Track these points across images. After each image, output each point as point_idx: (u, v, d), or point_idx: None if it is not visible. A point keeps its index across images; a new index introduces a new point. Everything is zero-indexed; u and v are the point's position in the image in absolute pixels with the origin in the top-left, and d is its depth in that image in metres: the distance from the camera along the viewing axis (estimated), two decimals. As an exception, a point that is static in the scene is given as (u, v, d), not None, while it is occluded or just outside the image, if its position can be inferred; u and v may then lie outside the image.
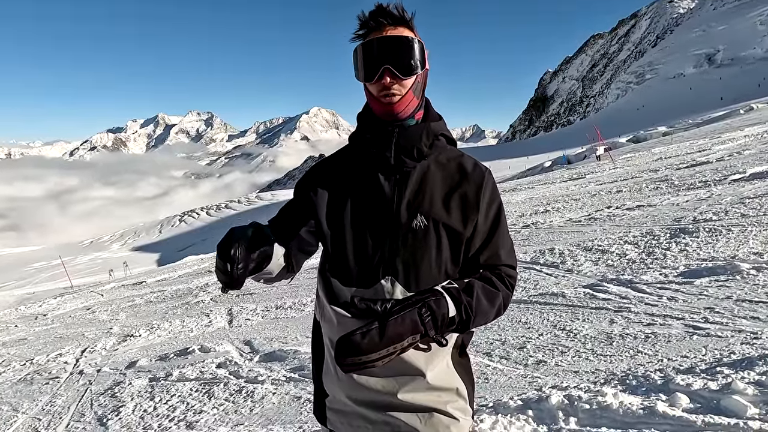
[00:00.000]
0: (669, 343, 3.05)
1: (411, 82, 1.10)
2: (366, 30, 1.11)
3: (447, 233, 1.11)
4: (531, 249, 6.37)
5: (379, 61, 1.07)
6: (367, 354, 0.90)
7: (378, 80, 1.08)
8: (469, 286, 1.06)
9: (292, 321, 5.63)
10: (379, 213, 1.11)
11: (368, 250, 1.11)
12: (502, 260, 1.17)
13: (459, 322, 1.01)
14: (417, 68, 1.09)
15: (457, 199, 1.13)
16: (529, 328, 3.83)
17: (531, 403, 2.58)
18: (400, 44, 1.07)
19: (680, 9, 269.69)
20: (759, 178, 7.82)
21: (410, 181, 1.13)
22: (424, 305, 0.96)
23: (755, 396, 2.21)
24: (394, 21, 1.10)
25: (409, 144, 1.12)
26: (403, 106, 1.10)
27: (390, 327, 0.92)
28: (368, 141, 1.15)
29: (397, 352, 0.94)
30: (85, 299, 12.64)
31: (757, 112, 31.34)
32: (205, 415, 3.38)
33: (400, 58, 1.07)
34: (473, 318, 1.03)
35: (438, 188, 1.13)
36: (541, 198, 12.48)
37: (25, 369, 5.62)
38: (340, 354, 0.92)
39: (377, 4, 1.11)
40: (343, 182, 1.17)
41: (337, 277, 1.15)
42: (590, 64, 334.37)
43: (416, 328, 0.94)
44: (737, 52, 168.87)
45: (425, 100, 1.19)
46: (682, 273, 4.29)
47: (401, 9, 1.10)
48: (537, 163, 46.67)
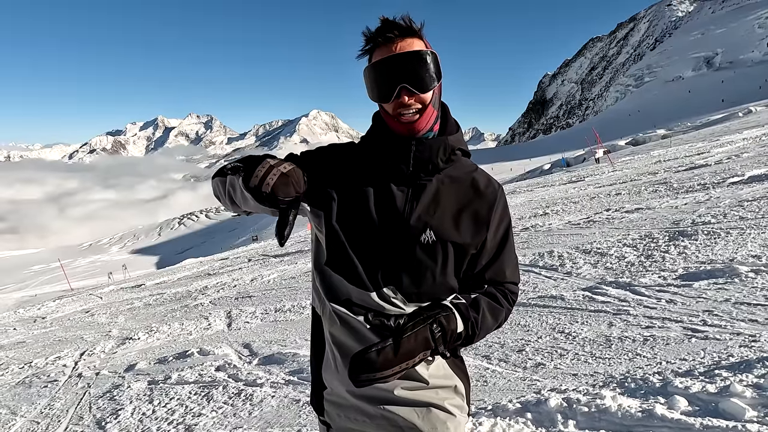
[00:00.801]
0: (667, 346, 3.05)
1: (430, 96, 1.07)
2: (373, 45, 1.08)
3: (454, 249, 1.12)
4: (530, 251, 6.38)
5: (394, 80, 1.03)
6: (381, 371, 0.94)
7: (395, 99, 1.05)
8: (476, 302, 1.09)
9: (291, 324, 5.63)
10: (389, 223, 1.10)
11: (374, 256, 1.10)
12: (507, 278, 1.19)
13: (465, 337, 1.05)
14: (434, 81, 1.06)
15: (468, 216, 1.13)
16: (527, 330, 3.83)
17: (530, 405, 2.58)
18: (414, 60, 1.03)
19: (678, 12, 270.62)
20: (757, 181, 7.84)
21: (424, 195, 1.12)
22: (435, 321, 0.99)
23: (753, 399, 2.21)
24: (403, 33, 1.06)
25: (426, 158, 1.10)
26: (424, 122, 1.09)
27: (404, 345, 0.95)
28: (385, 152, 1.13)
29: (408, 367, 0.97)
30: (84, 302, 12.62)
31: (755, 115, 31.43)
32: (204, 418, 3.38)
33: (417, 74, 1.03)
34: (478, 334, 1.07)
35: (450, 204, 1.13)
36: (540, 201, 12.49)
37: (24, 372, 5.60)
38: (355, 371, 0.94)
39: (382, 18, 1.06)
40: (357, 183, 1.14)
41: (342, 274, 1.13)
42: (589, 67, 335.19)
43: (428, 345, 0.98)
44: (735, 55, 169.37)
45: (443, 107, 1.17)
46: (680, 276, 4.29)
47: (408, 20, 1.06)
48: (536, 165, 46.73)
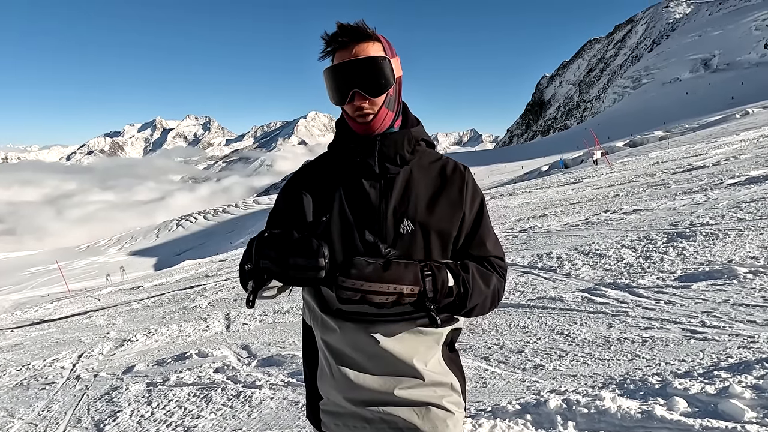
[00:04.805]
0: (666, 347, 3.05)
1: (382, 99, 1.12)
2: (333, 49, 1.12)
3: (434, 235, 1.14)
4: (529, 253, 6.38)
5: (347, 84, 1.09)
6: (368, 282, 0.95)
7: (350, 102, 1.10)
8: (464, 264, 1.11)
9: (289, 325, 5.62)
10: (366, 219, 1.13)
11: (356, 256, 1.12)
12: (490, 251, 1.19)
13: (457, 294, 1.04)
14: (386, 86, 1.11)
15: (442, 201, 1.16)
16: (527, 332, 3.83)
17: (529, 407, 2.58)
18: (366, 66, 1.08)
19: (676, 14, 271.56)
20: (755, 182, 7.86)
21: (395, 187, 1.15)
22: (426, 265, 1.02)
23: (752, 400, 2.22)
24: (357, 37, 1.10)
25: (392, 151, 1.15)
26: (378, 123, 1.13)
27: (393, 267, 0.97)
28: (352, 150, 1.16)
29: (393, 297, 0.96)
30: (81, 304, 12.58)
31: (752, 116, 31.52)
32: (203, 420, 3.37)
33: (368, 80, 1.08)
34: (470, 293, 1.06)
35: (422, 192, 1.16)
36: (538, 202, 12.50)
37: (22, 374, 5.59)
38: (345, 273, 0.96)
39: (338, 24, 1.11)
40: (327, 189, 1.18)
41: (328, 285, 1.16)
42: (587, 69, 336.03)
43: (416, 280, 0.98)
44: (733, 57, 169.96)
45: (402, 106, 1.22)
46: (679, 277, 4.30)
47: (362, 24, 1.11)
48: (534, 167, 46.80)
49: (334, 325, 1.15)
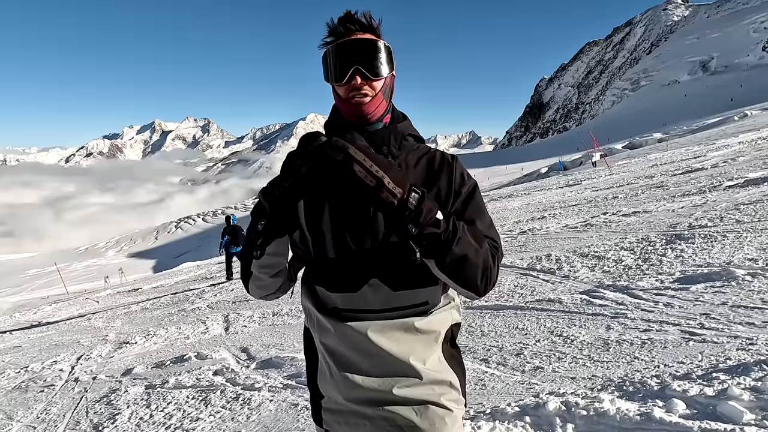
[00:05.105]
0: (665, 349, 3.06)
1: (380, 84, 1.13)
2: (335, 37, 1.14)
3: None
4: (527, 255, 6.39)
5: (349, 62, 1.10)
6: (356, 151, 0.93)
7: (348, 81, 1.11)
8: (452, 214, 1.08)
9: (288, 328, 5.62)
10: (355, 217, 1.13)
11: (349, 256, 1.13)
12: (482, 231, 1.13)
13: (444, 230, 0.98)
14: (387, 71, 1.13)
15: (432, 192, 1.15)
16: (526, 334, 3.83)
17: (528, 409, 2.58)
18: (369, 46, 1.11)
19: (674, 17, 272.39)
20: (753, 184, 7.87)
21: None
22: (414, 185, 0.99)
23: (751, 402, 2.22)
24: (362, 28, 1.14)
25: (378, 147, 1.14)
26: (373, 107, 1.13)
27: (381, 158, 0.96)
28: None
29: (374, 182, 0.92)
30: (80, 306, 12.56)
31: (751, 118, 31.56)
32: (202, 422, 3.37)
33: (370, 60, 1.11)
34: (458, 237, 1.00)
35: None
36: (537, 204, 12.51)
37: (20, 377, 5.57)
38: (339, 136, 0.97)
39: (346, 11, 1.15)
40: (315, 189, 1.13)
41: (322, 284, 1.17)
42: (585, 71, 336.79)
43: (403, 183, 0.96)
44: (731, 60, 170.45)
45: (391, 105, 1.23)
46: (678, 279, 4.31)
47: (369, 16, 1.15)
48: (533, 169, 46.83)
49: (330, 325, 1.16)
